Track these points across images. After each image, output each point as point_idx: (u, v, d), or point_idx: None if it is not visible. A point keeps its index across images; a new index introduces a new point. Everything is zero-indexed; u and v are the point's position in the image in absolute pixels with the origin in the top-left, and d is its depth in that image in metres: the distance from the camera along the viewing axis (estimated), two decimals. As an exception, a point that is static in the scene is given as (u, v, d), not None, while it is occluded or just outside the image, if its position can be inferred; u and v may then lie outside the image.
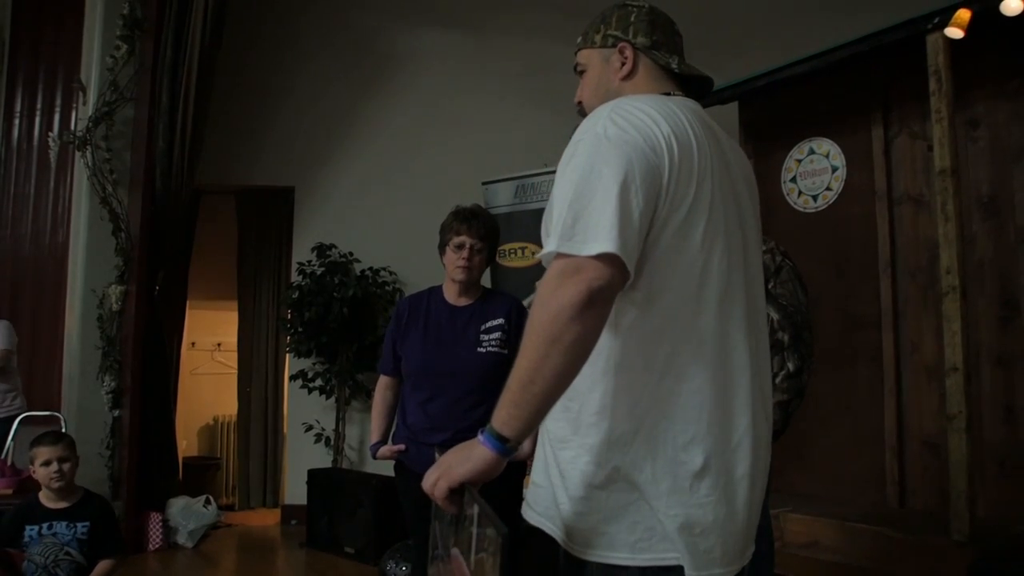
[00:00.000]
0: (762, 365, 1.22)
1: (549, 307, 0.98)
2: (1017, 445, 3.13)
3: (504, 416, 1.02)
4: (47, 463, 2.71)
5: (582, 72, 1.37)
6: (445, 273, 2.49)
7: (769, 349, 1.30)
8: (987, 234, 3.30)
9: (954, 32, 2.97)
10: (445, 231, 2.48)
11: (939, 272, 2.97)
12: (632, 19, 1.31)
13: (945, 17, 2.95)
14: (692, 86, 1.34)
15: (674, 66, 1.29)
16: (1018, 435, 3.14)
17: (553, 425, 1.20)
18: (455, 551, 1.13)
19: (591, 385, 1.13)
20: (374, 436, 2.56)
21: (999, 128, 3.29)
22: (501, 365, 2.27)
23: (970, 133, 3.35)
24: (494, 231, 2.51)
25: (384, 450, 2.48)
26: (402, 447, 2.44)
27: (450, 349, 2.41)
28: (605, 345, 1.10)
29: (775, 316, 2.21)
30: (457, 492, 1.04)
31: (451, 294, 2.49)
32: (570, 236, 1.01)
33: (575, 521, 1.15)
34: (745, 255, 1.21)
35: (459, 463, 1.04)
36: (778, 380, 2.17)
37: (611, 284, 1.00)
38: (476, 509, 1.00)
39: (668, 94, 1.26)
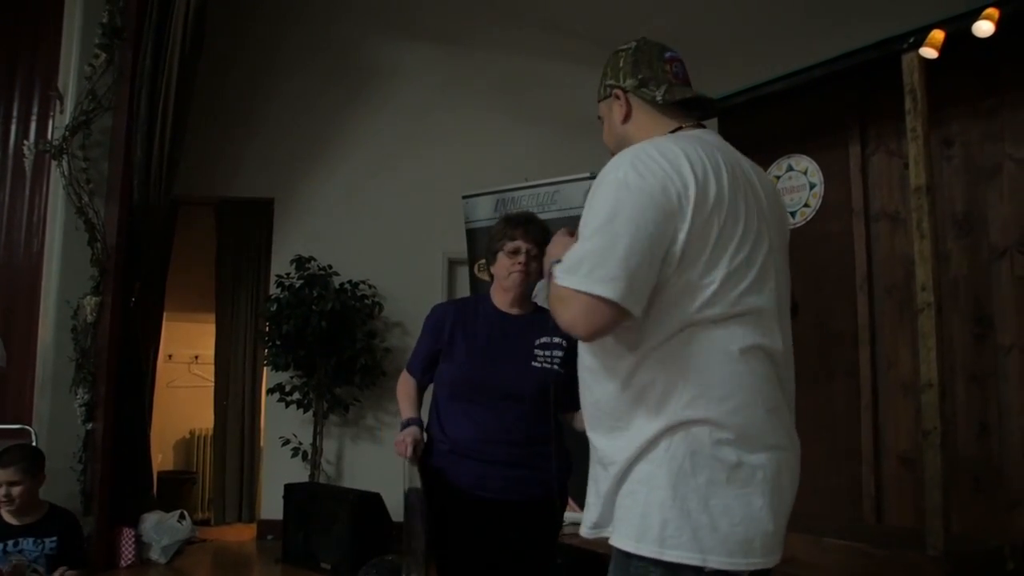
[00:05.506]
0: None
1: (562, 318, 1.23)
2: (991, 461, 3.15)
3: None
4: None
5: (602, 120, 1.50)
6: (494, 284, 2.34)
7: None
8: (961, 251, 3.34)
9: (928, 52, 3.00)
10: (496, 238, 2.31)
11: (915, 289, 3.00)
12: (621, 64, 1.41)
13: (920, 37, 2.99)
14: (696, 106, 1.41)
15: (659, 98, 1.37)
16: (992, 451, 3.16)
17: None
18: None
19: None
20: (405, 414, 2.31)
21: (972, 147, 3.33)
22: (557, 383, 2.14)
23: (944, 151, 3.39)
24: (549, 237, 2.23)
25: (414, 436, 2.22)
26: (433, 466, 2.25)
27: (500, 361, 2.25)
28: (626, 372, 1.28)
29: None
30: None
31: (503, 302, 2.32)
32: (576, 270, 1.18)
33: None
34: (774, 263, 1.30)
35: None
36: None
37: (608, 323, 1.19)
38: None
39: (679, 127, 1.34)
